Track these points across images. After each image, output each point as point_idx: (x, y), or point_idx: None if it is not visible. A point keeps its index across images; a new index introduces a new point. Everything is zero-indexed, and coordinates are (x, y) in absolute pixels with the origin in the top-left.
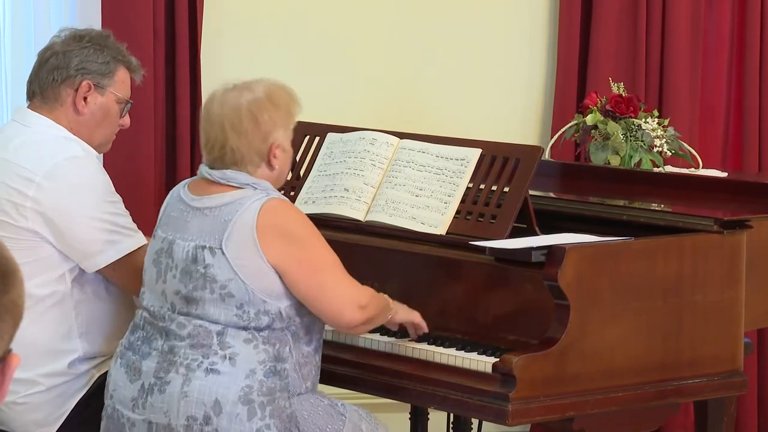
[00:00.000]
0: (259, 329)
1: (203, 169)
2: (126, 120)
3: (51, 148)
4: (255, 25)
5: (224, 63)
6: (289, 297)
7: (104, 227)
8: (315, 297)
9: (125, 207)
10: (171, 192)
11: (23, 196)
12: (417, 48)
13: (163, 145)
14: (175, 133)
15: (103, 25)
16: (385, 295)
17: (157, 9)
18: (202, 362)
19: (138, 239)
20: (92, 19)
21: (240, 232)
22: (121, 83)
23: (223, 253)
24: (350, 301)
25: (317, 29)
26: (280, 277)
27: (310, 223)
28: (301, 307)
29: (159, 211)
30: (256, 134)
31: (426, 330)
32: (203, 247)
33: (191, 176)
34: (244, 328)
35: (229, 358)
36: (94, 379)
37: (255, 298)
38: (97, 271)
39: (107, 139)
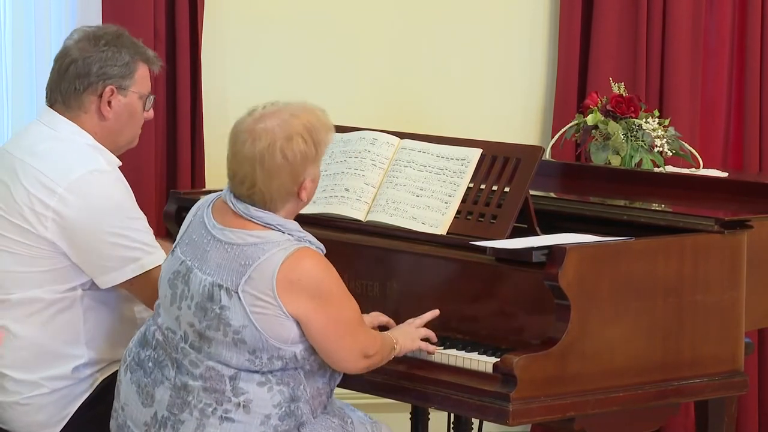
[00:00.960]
0: (272, 372)
1: (227, 197)
2: (150, 113)
3: (75, 159)
4: (255, 26)
5: (225, 63)
6: (304, 341)
7: (124, 243)
8: (329, 349)
9: None
10: (194, 208)
11: (44, 205)
12: (418, 48)
13: (163, 145)
14: (176, 133)
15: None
16: (390, 334)
17: (157, 9)
18: (216, 409)
19: (158, 257)
20: (93, 20)
21: (259, 279)
22: (141, 79)
23: (239, 298)
24: (361, 353)
25: (318, 29)
26: (298, 324)
27: (336, 275)
28: (313, 348)
29: (159, 211)
30: (287, 174)
31: (434, 352)
32: (220, 287)
33: (191, 176)
34: (257, 372)
35: (243, 406)
36: (98, 382)
37: (269, 345)
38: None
39: (134, 136)
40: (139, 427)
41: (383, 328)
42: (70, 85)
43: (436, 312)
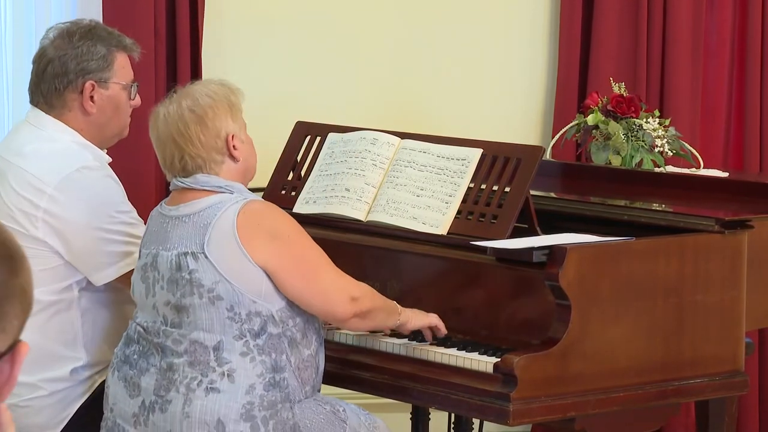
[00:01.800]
0: (254, 335)
1: (174, 181)
2: (137, 100)
3: (63, 158)
4: (256, 25)
5: (225, 63)
6: (279, 299)
7: (117, 239)
8: (305, 291)
9: None
10: (150, 213)
11: (35, 206)
12: (418, 48)
13: None
14: None
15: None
16: (394, 302)
17: (158, 9)
18: (201, 381)
19: None
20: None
21: (221, 234)
22: (121, 69)
23: (206, 257)
24: (340, 292)
25: (318, 29)
26: (269, 277)
27: (294, 220)
28: (293, 308)
29: None
30: (207, 134)
31: (445, 332)
32: (186, 254)
33: None
34: (240, 337)
35: (228, 375)
36: (96, 384)
37: (244, 299)
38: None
39: (122, 127)
40: (128, 420)
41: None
42: (50, 85)
43: (444, 332)
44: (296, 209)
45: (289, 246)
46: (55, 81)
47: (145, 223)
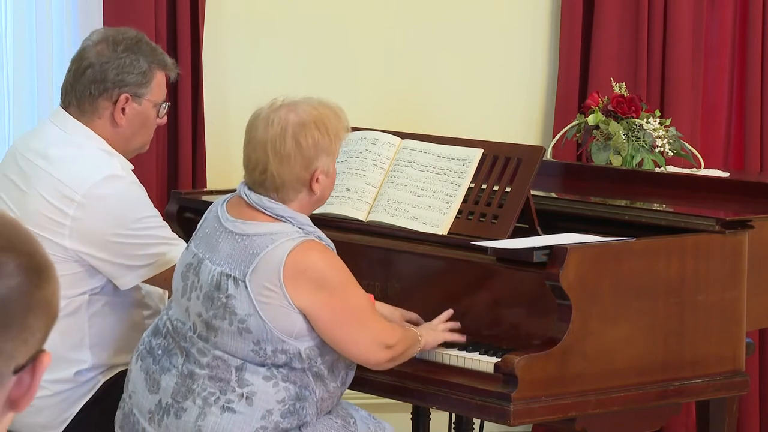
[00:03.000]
0: (277, 366)
1: (241, 189)
2: (163, 120)
3: (91, 165)
4: (257, 26)
5: (226, 63)
6: (310, 339)
7: (148, 242)
8: (341, 340)
9: None
10: (210, 206)
11: (63, 214)
12: (419, 48)
13: (164, 145)
14: (177, 133)
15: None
16: (413, 327)
17: (158, 10)
18: (219, 398)
19: (182, 247)
20: (94, 21)
21: (266, 268)
22: (158, 87)
23: (246, 287)
24: (378, 343)
25: (318, 29)
26: (305, 318)
27: (344, 266)
28: (323, 347)
29: (160, 211)
30: (298, 160)
31: (463, 339)
32: (228, 276)
33: (192, 176)
34: (262, 365)
35: (246, 398)
36: (100, 384)
37: (273, 336)
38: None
39: (145, 142)
40: (144, 414)
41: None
42: (86, 89)
43: (450, 311)
44: None
45: (332, 297)
46: (91, 86)
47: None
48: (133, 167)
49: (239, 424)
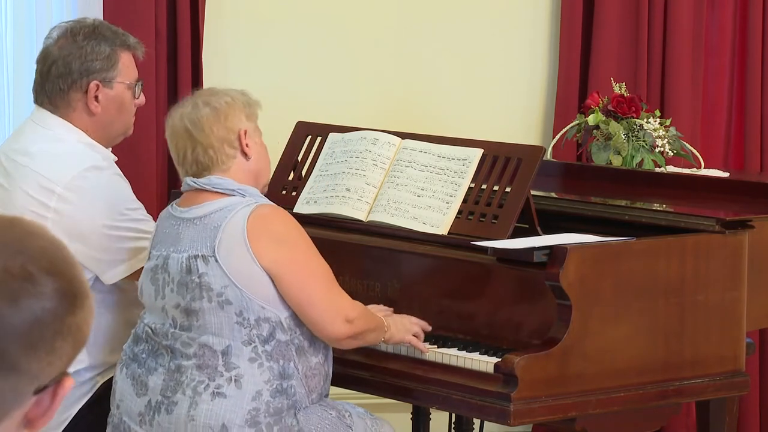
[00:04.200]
0: (263, 341)
1: (187, 180)
2: (141, 99)
3: (71, 157)
4: (257, 25)
5: (226, 63)
6: (287, 306)
7: (129, 236)
8: (304, 303)
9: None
10: (160, 214)
11: (45, 207)
12: (419, 48)
13: (164, 144)
14: None
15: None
16: (381, 315)
17: (159, 9)
18: (208, 385)
19: None
20: None
21: (231, 237)
22: (126, 68)
23: (216, 261)
24: (337, 313)
25: (318, 29)
26: (273, 283)
27: (303, 229)
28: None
29: (159, 211)
30: (219, 126)
31: (426, 351)
32: (196, 257)
33: None
34: (249, 342)
35: (235, 381)
36: (98, 385)
37: (252, 304)
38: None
39: (127, 126)
40: (134, 419)
41: None
42: (54, 85)
43: (428, 327)
44: (297, 209)
45: (292, 252)
46: (59, 81)
47: (154, 221)
48: (116, 158)
49: (231, 408)
